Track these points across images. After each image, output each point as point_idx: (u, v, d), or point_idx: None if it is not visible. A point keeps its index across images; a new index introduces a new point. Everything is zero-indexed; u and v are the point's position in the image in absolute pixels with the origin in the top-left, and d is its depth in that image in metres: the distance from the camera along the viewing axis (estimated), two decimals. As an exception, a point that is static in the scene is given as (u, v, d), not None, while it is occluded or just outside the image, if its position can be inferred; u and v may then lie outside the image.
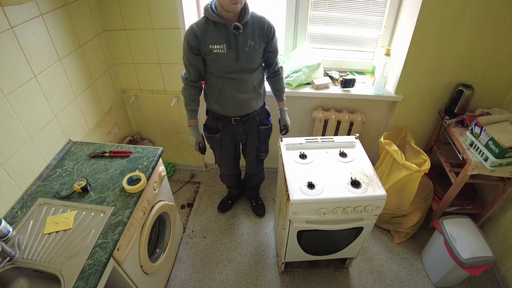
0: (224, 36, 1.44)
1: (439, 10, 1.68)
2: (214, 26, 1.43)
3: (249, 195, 2.38)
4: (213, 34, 1.43)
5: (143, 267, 1.46)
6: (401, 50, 1.92)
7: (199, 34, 1.42)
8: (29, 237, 1.20)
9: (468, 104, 1.93)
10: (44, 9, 1.43)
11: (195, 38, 1.43)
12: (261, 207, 2.35)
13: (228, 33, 1.43)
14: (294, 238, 1.59)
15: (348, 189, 1.44)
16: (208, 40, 1.43)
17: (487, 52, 1.83)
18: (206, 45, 1.44)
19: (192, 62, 1.51)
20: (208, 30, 1.43)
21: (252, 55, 1.51)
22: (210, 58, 1.48)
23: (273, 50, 1.62)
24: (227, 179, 2.18)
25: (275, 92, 1.79)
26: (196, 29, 1.42)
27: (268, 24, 1.52)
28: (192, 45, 1.45)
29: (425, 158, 1.83)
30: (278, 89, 1.77)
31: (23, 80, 1.34)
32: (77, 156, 1.58)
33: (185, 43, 1.47)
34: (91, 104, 1.86)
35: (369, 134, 2.34)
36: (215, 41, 1.44)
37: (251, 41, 1.48)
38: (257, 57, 1.55)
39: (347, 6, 1.98)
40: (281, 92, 1.78)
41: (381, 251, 2.09)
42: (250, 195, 2.37)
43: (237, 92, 1.58)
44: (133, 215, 1.32)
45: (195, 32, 1.42)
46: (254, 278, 1.94)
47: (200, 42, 1.44)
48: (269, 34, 1.54)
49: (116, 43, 1.99)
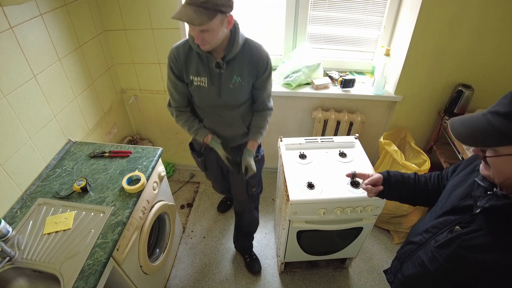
0: (206, 69, 1.26)
1: (439, 10, 1.68)
2: (197, 55, 1.25)
3: (240, 247, 2.02)
4: (194, 64, 1.27)
5: (142, 267, 1.46)
6: (400, 50, 1.92)
7: (181, 61, 1.27)
8: (28, 237, 1.20)
9: (467, 104, 1.94)
10: (44, 9, 1.43)
11: (176, 64, 1.28)
12: (257, 263, 1.97)
13: (211, 67, 1.26)
14: (293, 238, 1.59)
15: (347, 189, 1.44)
16: (189, 69, 1.28)
17: (487, 52, 1.83)
18: (187, 74, 1.29)
19: (179, 87, 1.34)
20: (190, 58, 1.27)
21: (237, 91, 1.31)
22: (191, 88, 1.33)
23: (261, 87, 1.36)
24: (220, 192, 2.16)
25: (251, 128, 1.45)
26: (178, 55, 1.27)
27: (263, 58, 1.28)
28: (175, 72, 1.30)
29: (425, 158, 1.84)
30: (255, 126, 1.44)
31: (22, 80, 1.34)
32: (77, 156, 1.58)
33: (169, 68, 1.31)
34: (91, 104, 1.86)
35: (369, 134, 2.34)
36: (196, 72, 1.27)
37: (238, 77, 1.27)
38: (243, 94, 1.34)
39: (346, 6, 1.98)
40: (257, 131, 1.43)
41: (380, 251, 2.09)
42: (241, 246, 2.01)
43: (219, 127, 1.42)
44: (132, 215, 1.32)
45: (177, 58, 1.27)
46: (254, 278, 1.94)
47: (181, 70, 1.29)
48: (262, 69, 1.30)
49: (116, 43, 1.99)
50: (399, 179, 1.09)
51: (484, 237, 0.74)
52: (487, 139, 0.68)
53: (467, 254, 0.76)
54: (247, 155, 1.42)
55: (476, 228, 0.76)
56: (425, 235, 0.89)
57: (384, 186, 1.08)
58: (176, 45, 1.29)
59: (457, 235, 0.79)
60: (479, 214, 0.76)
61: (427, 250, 0.87)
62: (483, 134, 0.68)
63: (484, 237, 0.74)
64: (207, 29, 1.09)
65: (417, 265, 0.90)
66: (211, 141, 1.41)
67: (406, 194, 1.09)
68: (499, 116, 0.66)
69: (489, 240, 0.73)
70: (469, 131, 0.71)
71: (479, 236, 0.75)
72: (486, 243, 0.73)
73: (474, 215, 0.77)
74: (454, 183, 0.90)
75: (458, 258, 0.78)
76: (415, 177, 1.09)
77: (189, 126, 1.42)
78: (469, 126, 0.71)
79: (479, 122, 0.69)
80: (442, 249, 0.81)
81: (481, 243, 0.74)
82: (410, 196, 1.09)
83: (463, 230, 0.78)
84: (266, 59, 1.29)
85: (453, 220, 0.82)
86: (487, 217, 0.75)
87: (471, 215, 0.78)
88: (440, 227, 0.85)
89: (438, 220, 0.87)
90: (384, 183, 1.08)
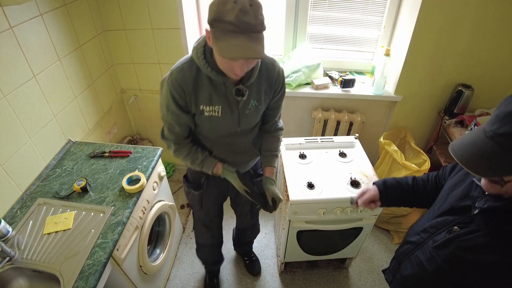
0: (222, 97, 1.05)
1: (439, 10, 1.68)
2: (208, 80, 1.02)
3: (242, 251, 2.02)
4: (206, 91, 1.03)
5: (142, 267, 1.46)
6: (400, 50, 1.92)
7: (189, 90, 1.02)
8: (28, 237, 1.20)
9: (467, 104, 1.94)
10: (44, 9, 1.43)
11: (182, 94, 1.02)
12: (257, 264, 1.97)
13: (228, 94, 1.04)
14: (293, 238, 1.59)
15: (348, 189, 1.44)
16: (199, 98, 1.04)
17: (486, 52, 1.83)
18: (196, 104, 1.05)
19: (182, 119, 1.10)
20: (200, 84, 1.02)
21: (253, 116, 1.15)
22: (200, 118, 1.10)
23: (275, 107, 1.22)
24: (207, 252, 1.71)
25: (264, 153, 1.30)
26: (184, 82, 1.01)
27: (280, 76, 1.12)
28: (179, 103, 1.04)
29: (425, 158, 1.84)
30: (270, 150, 1.29)
31: (22, 80, 1.34)
32: (77, 156, 1.58)
33: (169, 97, 1.04)
34: (91, 104, 1.86)
35: (369, 134, 2.34)
36: (208, 101, 1.05)
37: (255, 100, 1.10)
38: (258, 117, 1.19)
39: (346, 6, 1.98)
40: (272, 155, 1.29)
41: (380, 251, 2.09)
42: (242, 251, 2.01)
43: (230, 156, 1.24)
44: (132, 215, 1.32)
45: (182, 86, 1.01)
46: (254, 278, 1.94)
47: (189, 99, 1.04)
48: (278, 88, 1.14)
49: (116, 43, 1.99)
50: (395, 188, 1.08)
51: (482, 237, 0.74)
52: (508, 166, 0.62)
53: (466, 255, 0.76)
54: (269, 185, 1.25)
55: (474, 228, 0.75)
56: (423, 235, 0.89)
57: (381, 199, 1.08)
58: (179, 68, 1.01)
59: (455, 235, 0.78)
60: (477, 214, 0.76)
61: (425, 250, 0.87)
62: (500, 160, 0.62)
63: (483, 237, 0.73)
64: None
65: (415, 265, 0.90)
66: (223, 172, 1.20)
67: (405, 199, 1.09)
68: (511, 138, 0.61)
69: (488, 241, 0.73)
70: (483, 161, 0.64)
71: (478, 237, 0.74)
72: (484, 244, 0.73)
73: (472, 216, 0.77)
74: (453, 183, 0.90)
75: (456, 259, 0.78)
76: (412, 182, 1.08)
77: (192, 160, 1.18)
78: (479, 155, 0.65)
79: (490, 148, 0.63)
80: (441, 250, 0.81)
81: (479, 243, 0.74)
82: (409, 201, 1.09)
83: (462, 231, 0.78)
84: (282, 77, 1.14)
85: (451, 221, 0.82)
86: (486, 218, 0.75)
87: (469, 215, 0.78)
88: (439, 227, 0.85)
89: (436, 220, 0.87)
90: (381, 196, 1.08)
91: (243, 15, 0.81)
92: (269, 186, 1.24)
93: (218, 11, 0.83)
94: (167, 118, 1.10)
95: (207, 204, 1.43)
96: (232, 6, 0.81)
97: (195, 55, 1.00)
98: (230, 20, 0.81)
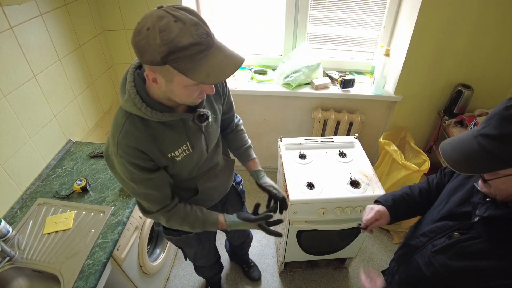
0: (183, 132, 0.91)
1: (439, 10, 1.68)
2: (161, 126, 0.86)
3: (239, 261, 2.00)
4: (167, 137, 0.88)
5: (142, 267, 1.46)
6: (400, 50, 1.93)
7: (148, 148, 0.85)
8: (28, 237, 1.20)
9: (467, 104, 1.94)
10: (44, 9, 1.43)
11: (144, 156, 0.85)
12: (256, 270, 1.95)
13: (187, 127, 0.91)
14: (293, 238, 1.59)
15: (347, 189, 1.44)
16: (163, 148, 0.88)
17: (486, 52, 1.83)
18: (163, 156, 0.89)
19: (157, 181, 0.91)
20: (157, 133, 0.86)
21: (215, 129, 1.03)
22: (175, 167, 0.94)
23: (229, 108, 1.13)
24: (208, 271, 1.64)
25: (239, 150, 1.22)
26: (138, 144, 0.83)
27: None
28: (146, 166, 0.87)
29: (425, 158, 1.84)
30: (242, 145, 1.22)
31: (22, 80, 1.34)
32: (77, 156, 1.58)
33: (129, 168, 0.85)
34: (91, 104, 1.86)
35: (369, 134, 2.34)
36: (174, 146, 0.90)
37: (212, 114, 0.98)
38: (218, 127, 1.07)
39: (346, 6, 1.98)
40: (247, 148, 1.22)
41: (380, 251, 2.09)
42: (239, 261, 1.99)
43: (214, 179, 1.11)
44: (132, 215, 1.32)
45: (139, 147, 0.83)
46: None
47: (155, 157, 0.88)
48: (223, 86, 1.04)
49: (116, 43, 1.99)
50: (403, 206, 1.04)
51: (482, 244, 0.73)
52: (483, 165, 0.65)
53: (465, 261, 0.75)
54: (264, 179, 1.16)
55: (475, 235, 0.75)
56: (422, 238, 0.88)
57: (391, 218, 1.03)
58: (123, 133, 0.82)
59: (455, 241, 0.78)
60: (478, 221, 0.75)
61: (423, 254, 0.86)
62: (478, 160, 0.65)
63: (483, 244, 0.73)
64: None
65: (413, 268, 0.89)
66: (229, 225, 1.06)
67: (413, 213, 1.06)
68: (490, 139, 0.63)
69: (487, 247, 0.72)
70: (463, 158, 0.68)
71: (478, 244, 0.74)
72: (484, 250, 0.72)
73: (473, 222, 0.76)
74: (453, 187, 0.89)
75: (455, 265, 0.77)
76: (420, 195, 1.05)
77: (191, 226, 1.01)
78: (461, 152, 0.68)
79: (472, 147, 0.66)
80: (440, 255, 0.81)
81: (479, 250, 0.73)
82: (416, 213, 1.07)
83: (462, 237, 0.77)
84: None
85: (451, 226, 0.81)
86: (487, 225, 0.74)
87: (469, 222, 0.77)
88: (438, 231, 0.84)
89: (436, 224, 0.86)
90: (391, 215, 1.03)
91: (197, 29, 0.67)
92: (264, 181, 1.16)
93: (168, 41, 0.65)
94: (140, 191, 0.90)
95: (203, 235, 1.29)
96: (179, 26, 0.65)
97: (132, 107, 0.80)
98: (190, 42, 0.66)
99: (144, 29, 0.66)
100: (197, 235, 1.23)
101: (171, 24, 0.65)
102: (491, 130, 0.63)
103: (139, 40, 0.68)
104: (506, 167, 0.63)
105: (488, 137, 0.64)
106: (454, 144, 0.70)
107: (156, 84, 0.75)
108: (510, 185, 0.66)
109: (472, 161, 0.66)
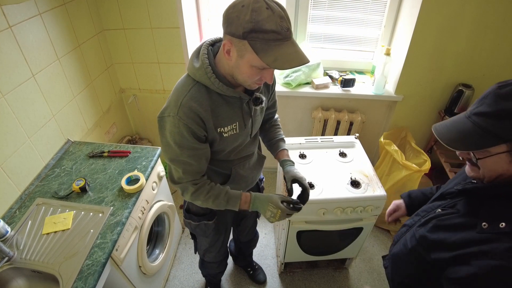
0: (237, 111, 0.97)
1: (439, 9, 1.68)
2: (221, 98, 0.93)
3: (243, 263, 1.97)
4: (223, 111, 0.94)
5: (141, 268, 1.46)
6: (401, 50, 1.92)
7: (207, 116, 0.90)
8: (27, 237, 1.19)
9: (468, 104, 1.93)
10: (43, 8, 1.42)
11: (201, 123, 0.90)
12: (261, 272, 1.94)
13: (244, 107, 0.98)
14: (293, 239, 1.59)
15: (348, 189, 1.43)
16: (218, 121, 0.94)
17: (487, 52, 1.83)
18: (213, 128, 0.94)
19: (201, 154, 0.97)
20: (216, 106, 0.92)
21: (259, 117, 1.10)
22: (220, 143, 0.99)
23: (273, 103, 1.22)
24: (215, 267, 1.61)
25: (272, 141, 1.27)
26: (201, 110, 0.89)
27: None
28: (198, 134, 0.91)
29: (425, 158, 1.83)
30: (276, 137, 1.27)
31: (21, 80, 1.33)
32: (76, 156, 1.58)
33: (183, 133, 0.89)
34: (90, 103, 1.85)
35: (369, 134, 2.33)
36: (225, 121, 0.96)
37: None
38: (262, 119, 1.15)
39: (347, 5, 1.98)
40: (280, 140, 1.27)
41: (381, 252, 2.09)
42: (244, 263, 1.97)
43: (247, 170, 1.16)
44: (131, 215, 1.32)
45: (200, 114, 0.89)
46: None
47: (209, 127, 0.93)
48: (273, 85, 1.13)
49: (115, 42, 1.98)
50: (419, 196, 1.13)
51: (457, 218, 0.78)
52: (479, 142, 0.68)
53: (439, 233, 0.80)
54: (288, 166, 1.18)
55: (454, 211, 0.81)
56: (415, 218, 0.94)
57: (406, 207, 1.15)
58: (189, 96, 0.88)
59: (435, 215, 0.84)
60: (460, 200, 0.81)
61: (412, 232, 0.92)
62: (473, 137, 0.68)
63: (458, 218, 0.78)
64: None
65: (401, 244, 0.95)
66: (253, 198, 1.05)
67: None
68: (485, 117, 0.67)
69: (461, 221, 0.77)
70: (458, 136, 0.71)
71: (454, 218, 0.79)
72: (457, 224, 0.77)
73: (456, 201, 0.82)
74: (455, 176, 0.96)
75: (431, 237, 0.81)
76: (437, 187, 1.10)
77: (215, 198, 1.02)
78: (456, 131, 0.72)
79: (466, 125, 0.70)
80: (421, 228, 0.86)
81: (453, 223, 0.78)
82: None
83: (442, 212, 0.83)
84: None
85: (439, 205, 0.88)
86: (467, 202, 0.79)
87: (453, 200, 0.83)
88: (428, 210, 0.90)
89: (428, 205, 0.93)
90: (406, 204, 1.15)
91: (282, 22, 0.76)
92: (288, 168, 1.17)
93: (255, 21, 0.74)
94: (181, 158, 0.94)
95: (221, 227, 1.30)
96: (268, 13, 0.74)
97: (202, 75, 0.87)
98: (272, 29, 0.75)
99: (239, 5, 0.76)
100: (215, 223, 1.25)
101: (263, 9, 0.74)
102: (486, 108, 0.67)
103: (232, 13, 0.77)
104: (499, 143, 0.66)
105: (483, 115, 0.67)
106: (448, 125, 0.75)
107: (228, 56, 0.83)
108: (499, 164, 0.69)
109: (467, 138, 0.70)
